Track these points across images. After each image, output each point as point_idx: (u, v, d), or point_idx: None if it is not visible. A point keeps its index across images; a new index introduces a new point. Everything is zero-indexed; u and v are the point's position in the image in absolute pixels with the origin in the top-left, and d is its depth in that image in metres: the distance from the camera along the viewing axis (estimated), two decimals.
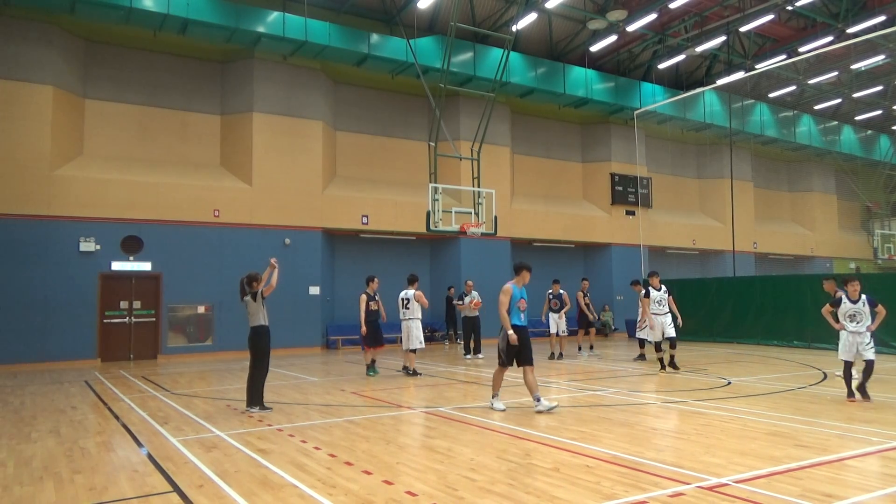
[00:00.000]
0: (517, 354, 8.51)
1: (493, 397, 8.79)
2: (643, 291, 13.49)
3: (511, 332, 8.36)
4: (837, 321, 9.39)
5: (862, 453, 6.04)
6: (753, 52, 25.70)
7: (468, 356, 16.21)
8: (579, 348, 17.10)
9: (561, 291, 15.86)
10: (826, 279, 12.44)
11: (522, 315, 8.67)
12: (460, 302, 16.82)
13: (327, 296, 20.15)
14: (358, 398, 10.13)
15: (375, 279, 13.07)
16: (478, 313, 16.40)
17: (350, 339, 20.37)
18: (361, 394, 10.58)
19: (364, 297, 12.77)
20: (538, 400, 8.38)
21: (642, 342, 15.12)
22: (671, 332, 12.87)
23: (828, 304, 9.73)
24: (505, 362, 8.59)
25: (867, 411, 8.40)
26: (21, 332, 15.60)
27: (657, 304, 13.10)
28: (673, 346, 12.93)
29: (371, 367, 13.03)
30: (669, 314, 13.11)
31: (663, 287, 13.42)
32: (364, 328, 12.72)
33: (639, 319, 14.98)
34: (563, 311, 15.80)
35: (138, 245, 17.19)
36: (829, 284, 12.19)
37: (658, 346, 12.87)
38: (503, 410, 8.53)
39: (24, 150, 15.90)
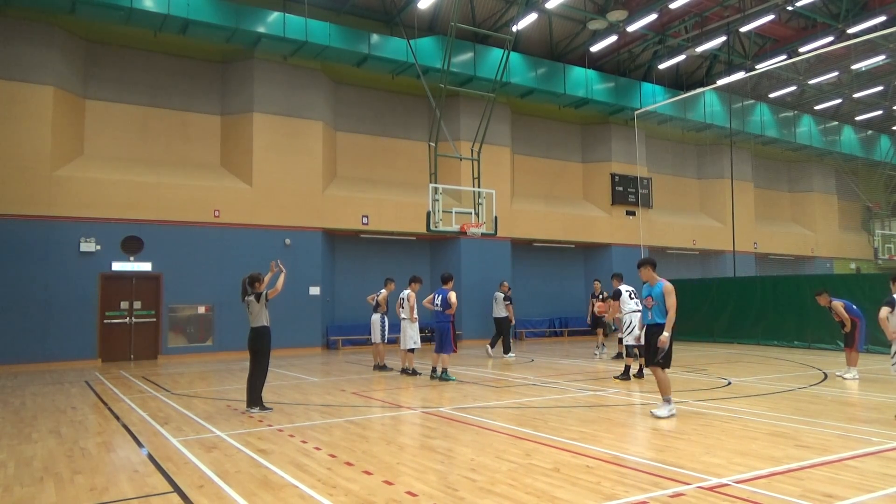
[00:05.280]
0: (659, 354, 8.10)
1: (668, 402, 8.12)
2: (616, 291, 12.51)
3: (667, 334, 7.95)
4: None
5: (862, 454, 6.04)
6: (754, 53, 25.70)
7: (512, 354, 16.29)
8: (597, 346, 16.94)
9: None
10: (818, 293, 11.99)
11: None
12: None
13: (327, 296, 20.15)
14: (358, 398, 10.13)
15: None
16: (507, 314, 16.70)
17: (350, 340, 20.39)
18: (361, 394, 10.58)
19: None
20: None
21: (629, 350, 12.02)
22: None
23: (884, 307, 8.11)
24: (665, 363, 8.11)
25: (868, 412, 8.40)
26: (21, 333, 15.60)
27: (634, 303, 12.11)
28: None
29: (445, 372, 12.04)
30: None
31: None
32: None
33: (626, 325, 12.33)
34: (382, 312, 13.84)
35: (139, 245, 17.20)
36: (822, 298, 11.87)
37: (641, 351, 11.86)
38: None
39: (25, 150, 15.90)
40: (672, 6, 20.87)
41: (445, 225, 15.85)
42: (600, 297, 16.89)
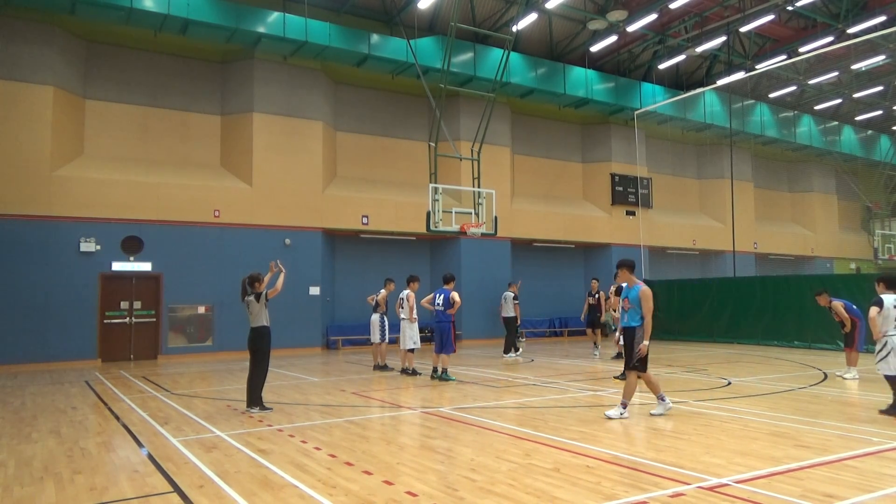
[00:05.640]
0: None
1: (662, 399, 8.11)
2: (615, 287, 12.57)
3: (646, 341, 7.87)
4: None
5: (862, 454, 6.04)
6: (754, 53, 25.70)
7: (512, 355, 16.16)
8: (594, 345, 16.92)
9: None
10: (818, 293, 11.99)
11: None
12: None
13: (327, 296, 20.16)
14: (358, 398, 10.13)
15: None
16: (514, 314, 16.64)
17: (350, 340, 20.39)
18: (361, 394, 10.58)
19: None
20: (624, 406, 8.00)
21: None
22: None
23: (872, 307, 8.14)
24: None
25: (867, 412, 8.40)
26: (21, 333, 15.60)
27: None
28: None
29: (445, 372, 12.06)
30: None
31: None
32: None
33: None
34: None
35: (138, 245, 17.19)
36: (822, 298, 11.87)
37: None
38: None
39: (25, 150, 15.90)
40: (672, 6, 20.88)
41: (445, 225, 15.85)
42: (596, 295, 16.87)
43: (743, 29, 23.42)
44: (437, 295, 12.09)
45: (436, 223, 15.63)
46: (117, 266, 16.92)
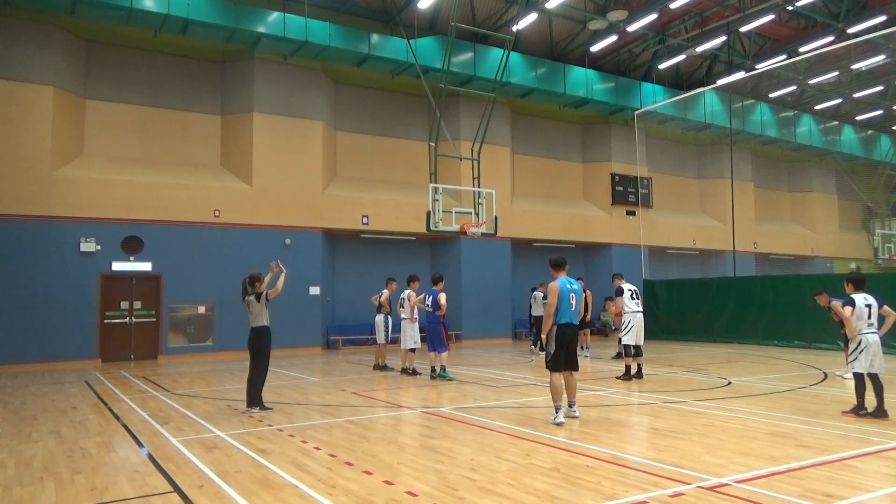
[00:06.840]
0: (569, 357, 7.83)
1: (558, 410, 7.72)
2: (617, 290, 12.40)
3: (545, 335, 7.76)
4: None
5: (862, 453, 6.04)
6: (754, 52, 25.69)
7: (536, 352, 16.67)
8: (581, 347, 17.04)
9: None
10: (818, 293, 11.95)
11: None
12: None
13: (327, 296, 20.15)
14: (358, 398, 10.13)
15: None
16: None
17: (350, 340, 20.39)
18: (361, 394, 10.58)
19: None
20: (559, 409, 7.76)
21: (627, 349, 11.96)
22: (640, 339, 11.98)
23: (846, 306, 8.20)
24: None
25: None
26: (21, 333, 15.60)
27: (635, 304, 12.11)
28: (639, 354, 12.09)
29: (444, 370, 12.12)
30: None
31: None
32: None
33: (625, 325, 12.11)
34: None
35: (139, 245, 17.19)
36: (822, 298, 11.87)
37: (638, 351, 12.01)
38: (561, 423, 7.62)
39: (25, 150, 15.89)
40: (672, 6, 20.87)
41: (446, 225, 15.86)
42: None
43: (743, 29, 23.42)
44: (427, 296, 12.19)
45: (436, 223, 15.64)
46: (117, 266, 16.92)
